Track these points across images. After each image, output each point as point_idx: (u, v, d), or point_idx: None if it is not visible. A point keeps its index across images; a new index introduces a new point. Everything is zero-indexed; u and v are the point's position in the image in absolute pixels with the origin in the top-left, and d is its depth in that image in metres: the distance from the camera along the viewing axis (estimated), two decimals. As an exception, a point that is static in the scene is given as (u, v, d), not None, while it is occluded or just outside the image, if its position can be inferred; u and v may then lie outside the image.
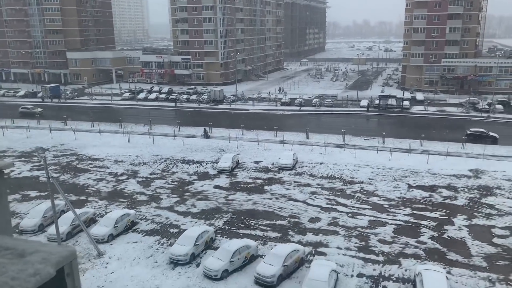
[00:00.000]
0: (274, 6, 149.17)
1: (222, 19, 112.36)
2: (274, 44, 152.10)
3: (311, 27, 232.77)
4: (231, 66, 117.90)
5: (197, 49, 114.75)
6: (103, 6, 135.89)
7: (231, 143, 59.66)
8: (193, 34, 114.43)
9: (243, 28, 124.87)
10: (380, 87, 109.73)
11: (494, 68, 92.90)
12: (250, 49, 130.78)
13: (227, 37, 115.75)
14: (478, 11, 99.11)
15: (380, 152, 54.24)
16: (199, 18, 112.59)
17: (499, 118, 73.46)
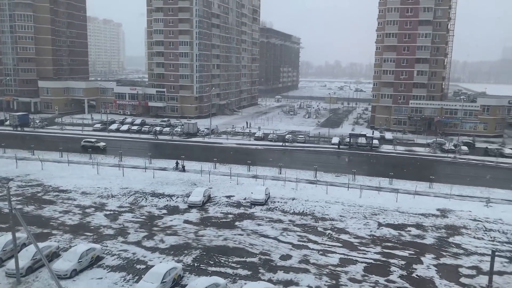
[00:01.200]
0: (249, 45, 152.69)
1: (199, 55, 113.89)
2: (249, 80, 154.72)
3: (285, 66, 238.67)
4: (206, 100, 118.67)
5: (172, 82, 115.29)
6: (78, 37, 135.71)
7: (203, 176, 59.18)
8: (168, 67, 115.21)
9: (219, 64, 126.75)
10: (351, 125, 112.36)
11: (459, 111, 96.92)
12: (225, 84, 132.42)
13: (203, 72, 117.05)
14: (444, 57, 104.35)
15: (350, 189, 54.84)
16: (175, 53, 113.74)
17: (464, 159, 75.95)
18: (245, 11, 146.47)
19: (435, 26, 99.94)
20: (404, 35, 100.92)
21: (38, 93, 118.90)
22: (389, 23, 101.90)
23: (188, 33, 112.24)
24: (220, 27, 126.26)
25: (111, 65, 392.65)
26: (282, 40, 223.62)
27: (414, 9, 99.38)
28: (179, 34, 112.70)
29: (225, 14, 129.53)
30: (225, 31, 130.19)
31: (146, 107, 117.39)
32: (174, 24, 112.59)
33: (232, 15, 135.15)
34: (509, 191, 56.32)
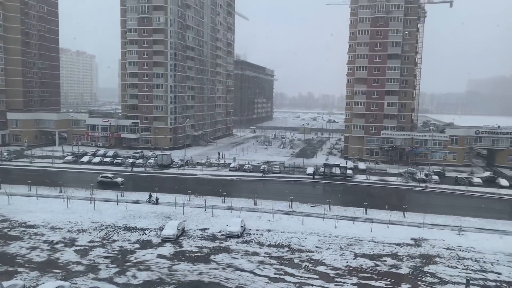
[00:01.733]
0: (224, 76, 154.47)
1: (173, 86, 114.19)
2: (224, 111, 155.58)
3: (260, 97, 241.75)
4: (180, 131, 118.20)
5: (146, 114, 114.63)
6: (50, 68, 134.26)
7: (178, 209, 58.18)
8: (142, 99, 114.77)
9: (193, 95, 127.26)
10: (325, 155, 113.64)
11: (429, 141, 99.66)
12: (200, 115, 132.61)
13: (177, 103, 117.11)
14: (412, 89, 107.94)
15: (326, 220, 54.90)
16: (149, 84, 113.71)
17: (435, 188, 77.52)
18: (220, 44, 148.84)
19: (403, 60, 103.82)
20: (374, 68, 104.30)
21: (6, 125, 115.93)
22: (359, 56, 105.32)
23: (163, 65, 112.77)
24: (195, 60, 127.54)
25: (83, 97, 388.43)
26: (256, 72, 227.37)
27: (383, 43, 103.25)
28: (154, 66, 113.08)
29: (199, 47, 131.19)
30: (200, 63, 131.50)
31: (119, 138, 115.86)
32: (148, 56, 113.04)
33: (207, 48, 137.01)
34: (480, 219, 57.59)
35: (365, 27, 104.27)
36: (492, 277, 39.12)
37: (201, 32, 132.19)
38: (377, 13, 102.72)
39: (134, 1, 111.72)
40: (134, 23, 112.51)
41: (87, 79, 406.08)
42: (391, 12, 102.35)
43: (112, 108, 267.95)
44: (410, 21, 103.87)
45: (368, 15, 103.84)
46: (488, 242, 48.47)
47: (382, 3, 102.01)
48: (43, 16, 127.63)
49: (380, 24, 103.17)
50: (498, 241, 48.90)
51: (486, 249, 46.14)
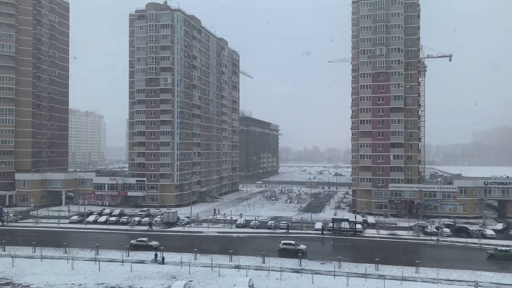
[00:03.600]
0: (230, 133, 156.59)
1: (179, 143, 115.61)
2: (230, 166, 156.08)
3: (265, 152, 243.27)
4: (186, 187, 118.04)
5: (152, 171, 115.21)
6: (59, 129, 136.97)
7: (183, 268, 56.79)
8: (149, 157, 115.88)
9: (199, 151, 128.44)
10: (333, 210, 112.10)
11: (438, 193, 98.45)
12: (206, 171, 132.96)
13: (184, 160, 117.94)
14: (417, 141, 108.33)
15: (337, 277, 53.17)
16: (156, 142, 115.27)
17: (447, 241, 75.50)
18: (225, 101, 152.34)
19: (406, 113, 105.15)
20: (378, 122, 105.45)
21: (14, 185, 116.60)
22: (363, 110, 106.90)
23: (170, 123, 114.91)
24: (201, 117, 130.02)
25: (91, 156, 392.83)
26: (261, 127, 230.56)
27: (385, 97, 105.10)
28: (161, 125, 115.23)
29: (205, 105, 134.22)
30: (206, 121, 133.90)
31: (125, 197, 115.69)
32: (155, 115, 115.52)
33: (213, 105, 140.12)
34: (497, 273, 55.56)
35: (367, 82, 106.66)
36: (515, 336, 37.07)
37: (207, 90, 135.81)
38: (378, 69, 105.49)
39: (142, 63, 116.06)
40: (142, 83, 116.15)
41: (95, 138, 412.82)
42: (391, 67, 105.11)
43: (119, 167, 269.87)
44: (411, 76, 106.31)
45: (369, 71, 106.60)
46: (507, 298, 46.44)
47: (383, 59, 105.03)
48: (54, 79, 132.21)
49: (381, 79, 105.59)
50: (518, 297, 46.85)
51: (506, 305, 44.11)
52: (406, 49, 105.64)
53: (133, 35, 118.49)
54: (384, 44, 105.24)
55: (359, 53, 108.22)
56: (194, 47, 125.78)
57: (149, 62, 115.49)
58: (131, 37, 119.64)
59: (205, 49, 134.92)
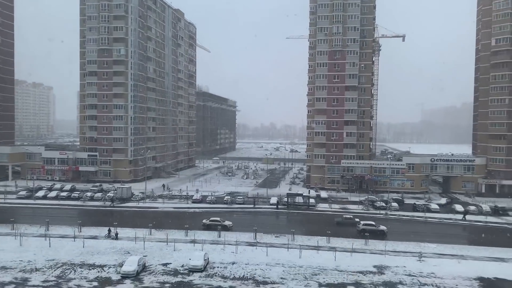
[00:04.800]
0: (186, 108, 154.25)
1: (134, 117, 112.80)
2: (186, 142, 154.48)
3: (223, 128, 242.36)
4: (140, 163, 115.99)
5: (105, 146, 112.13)
6: (4, 100, 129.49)
7: (138, 244, 56.36)
8: (102, 131, 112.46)
9: (155, 126, 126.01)
10: (288, 185, 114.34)
11: (387, 169, 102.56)
12: (161, 147, 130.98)
13: (138, 135, 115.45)
14: (369, 119, 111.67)
15: (290, 250, 54.70)
16: (109, 116, 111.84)
17: (395, 215, 79.27)
18: (181, 75, 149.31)
19: (360, 91, 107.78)
20: (333, 100, 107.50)
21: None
22: (318, 88, 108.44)
23: (123, 96, 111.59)
24: (156, 91, 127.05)
25: (39, 129, 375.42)
26: (218, 103, 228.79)
27: (341, 75, 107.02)
28: (114, 97, 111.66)
29: (161, 78, 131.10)
30: (161, 95, 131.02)
31: (76, 172, 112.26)
32: (108, 88, 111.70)
33: (168, 79, 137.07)
34: (439, 245, 59.11)
35: (323, 60, 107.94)
36: (452, 301, 39.89)
37: (163, 63, 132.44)
38: (334, 47, 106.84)
39: (94, 33, 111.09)
40: (93, 54, 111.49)
41: (43, 111, 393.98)
42: (347, 46, 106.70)
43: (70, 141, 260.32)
44: (365, 55, 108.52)
45: (325, 49, 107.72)
46: (447, 267, 49.66)
47: (339, 37, 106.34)
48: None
49: (337, 57, 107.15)
50: (457, 266, 50.23)
51: (446, 274, 47.20)
52: (362, 28, 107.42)
53: (84, 3, 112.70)
54: (340, 22, 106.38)
55: (316, 30, 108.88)
56: (149, 17, 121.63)
57: (101, 32, 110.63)
58: (82, 5, 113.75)
59: (161, 20, 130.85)
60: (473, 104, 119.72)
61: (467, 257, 54.24)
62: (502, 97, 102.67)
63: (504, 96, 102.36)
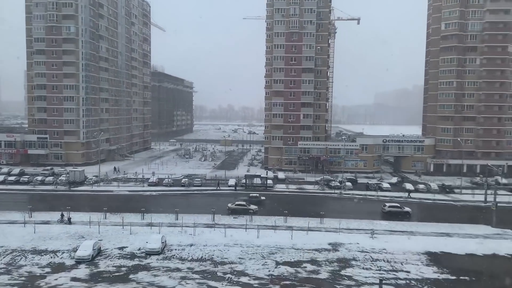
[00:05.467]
0: (141, 88, 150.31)
1: (86, 99, 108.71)
2: (141, 124, 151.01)
3: (179, 109, 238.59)
4: (94, 145, 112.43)
5: (56, 128, 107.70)
6: None
7: (93, 228, 55.04)
8: (52, 112, 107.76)
9: (108, 107, 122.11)
10: (246, 167, 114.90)
11: (342, 150, 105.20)
12: (115, 129, 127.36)
13: (90, 116, 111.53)
14: (325, 101, 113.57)
15: (248, 230, 55.31)
16: (59, 97, 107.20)
17: (349, 194, 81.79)
18: (135, 55, 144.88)
19: (316, 74, 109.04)
20: (290, 82, 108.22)
21: None
22: (276, 70, 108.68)
23: (74, 76, 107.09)
24: (109, 71, 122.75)
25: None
26: (174, 84, 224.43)
27: (298, 58, 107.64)
28: (64, 78, 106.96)
29: (114, 57, 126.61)
30: (114, 75, 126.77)
31: (25, 155, 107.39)
32: (58, 67, 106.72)
33: (122, 59, 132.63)
34: (390, 222, 61.71)
35: (281, 42, 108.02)
36: (403, 275, 41.97)
37: (116, 42, 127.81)
38: (291, 29, 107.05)
39: (41, 9, 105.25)
40: (41, 32, 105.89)
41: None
42: (304, 27, 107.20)
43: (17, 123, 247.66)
44: (321, 37, 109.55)
45: (283, 30, 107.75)
46: (397, 243, 52.02)
47: (296, 19, 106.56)
48: None
49: (294, 39, 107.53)
50: (407, 242, 52.70)
51: (396, 249, 49.46)
52: (318, 10, 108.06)
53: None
54: (297, 3, 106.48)
55: (273, 11, 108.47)
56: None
57: (49, 8, 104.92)
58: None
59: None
60: (424, 87, 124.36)
61: (416, 233, 57.01)
62: (450, 80, 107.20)
63: (452, 79, 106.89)
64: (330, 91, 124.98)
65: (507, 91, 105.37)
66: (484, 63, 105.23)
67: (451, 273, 42.64)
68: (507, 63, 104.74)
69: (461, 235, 56.34)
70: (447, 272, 43.01)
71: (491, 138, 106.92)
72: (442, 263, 45.62)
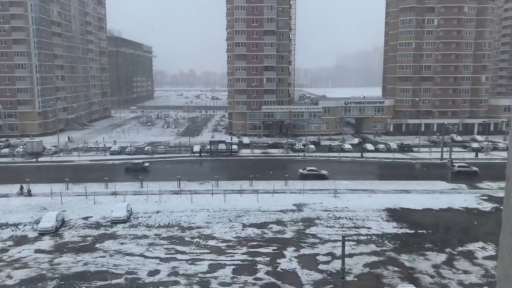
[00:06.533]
0: (97, 54, 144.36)
1: (39, 66, 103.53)
2: (100, 91, 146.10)
3: (139, 75, 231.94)
4: (51, 115, 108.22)
5: (9, 98, 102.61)
6: None
7: (55, 199, 53.83)
8: (3, 81, 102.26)
9: (63, 75, 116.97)
10: (210, 133, 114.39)
11: (305, 113, 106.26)
12: (72, 97, 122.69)
13: (45, 85, 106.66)
14: (288, 64, 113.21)
15: (215, 195, 55.73)
16: (10, 64, 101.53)
17: (312, 157, 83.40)
18: (90, 19, 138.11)
19: (278, 36, 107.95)
20: (252, 45, 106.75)
21: None
22: (237, 33, 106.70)
23: (25, 42, 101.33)
24: (63, 36, 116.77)
25: None
26: (133, 49, 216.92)
27: (259, 19, 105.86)
28: (13, 44, 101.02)
29: (67, 22, 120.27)
30: (68, 40, 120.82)
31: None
32: (6, 33, 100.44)
33: (75, 23, 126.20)
34: (352, 181, 63.66)
35: (241, 3, 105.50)
36: (364, 232, 43.83)
37: (68, 6, 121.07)
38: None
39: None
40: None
41: None
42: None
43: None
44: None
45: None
46: (359, 201, 53.99)
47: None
48: None
49: (255, 1, 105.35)
50: (367, 200, 54.77)
51: (358, 207, 51.37)
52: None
53: None
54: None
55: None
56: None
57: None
58: None
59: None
60: (384, 48, 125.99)
61: (376, 191, 59.21)
62: (409, 41, 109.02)
63: (411, 40, 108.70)
64: (293, 54, 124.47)
65: (462, 51, 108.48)
66: (441, 23, 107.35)
67: (409, 227, 44.90)
68: (462, 23, 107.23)
69: (419, 191, 59.01)
70: (405, 226, 45.25)
71: (448, 97, 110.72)
72: (401, 218, 47.88)
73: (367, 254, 38.25)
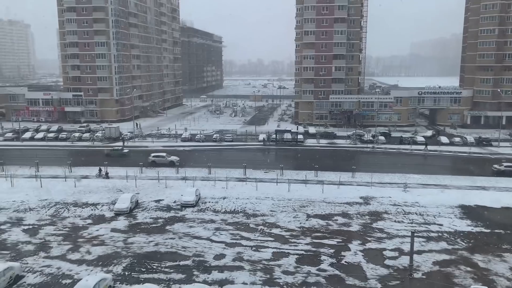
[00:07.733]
0: (171, 44, 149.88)
1: (117, 55, 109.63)
2: (172, 80, 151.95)
3: (209, 65, 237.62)
4: (127, 102, 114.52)
5: (90, 85, 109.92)
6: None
7: (130, 182, 57.09)
8: (85, 70, 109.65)
9: (139, 64, 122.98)
10: (276, 122, 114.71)
11: (375, 103, 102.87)
12: (147, 86, 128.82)
13: (123, 73, 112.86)
14: (358, 52, 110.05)
15: (279, 184, 55.98)
16: (91, 54, 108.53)
17: (382, 148, 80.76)
18: (164, 9, 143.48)
19: (349, 24, 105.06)
20: (322, 33, 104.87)
21: None
22: (307, 21, 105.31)
23: (105, 33, 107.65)
24: (139, 27, 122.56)
25: (20, 70, 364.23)
26: (204, 39, 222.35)
27: (330, 7, 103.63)
28: (95, 35, 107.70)
29: (143, 13, 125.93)
30: (144, 31, 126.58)
31: (62, 112, 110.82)
32: (88, 24, 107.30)
33: (151, 14, 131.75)
34: (423, 176, 60.90)
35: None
36: (435, 228, 41.85)
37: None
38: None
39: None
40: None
41: (23, 50, 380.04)
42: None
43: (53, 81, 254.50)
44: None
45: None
46: (430, 196, 51.50)
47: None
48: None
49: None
50: (440, 195, 52.09)
51: (429, 203, 49.04)
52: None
53: None
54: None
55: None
56: None
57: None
58: None
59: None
60: (462, 35, 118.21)
61: (450, 186, 56.18)
62: (492, 27, 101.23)
63: (493, 26, 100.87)
64: (364, 42, 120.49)
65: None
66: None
67: (485, 226, 42.19)
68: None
69: (497, 188, 55.16)
70: (481, 225, 42.57)
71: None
72: (476, 216, 45.09)
73: (437, 252, 36.54)
